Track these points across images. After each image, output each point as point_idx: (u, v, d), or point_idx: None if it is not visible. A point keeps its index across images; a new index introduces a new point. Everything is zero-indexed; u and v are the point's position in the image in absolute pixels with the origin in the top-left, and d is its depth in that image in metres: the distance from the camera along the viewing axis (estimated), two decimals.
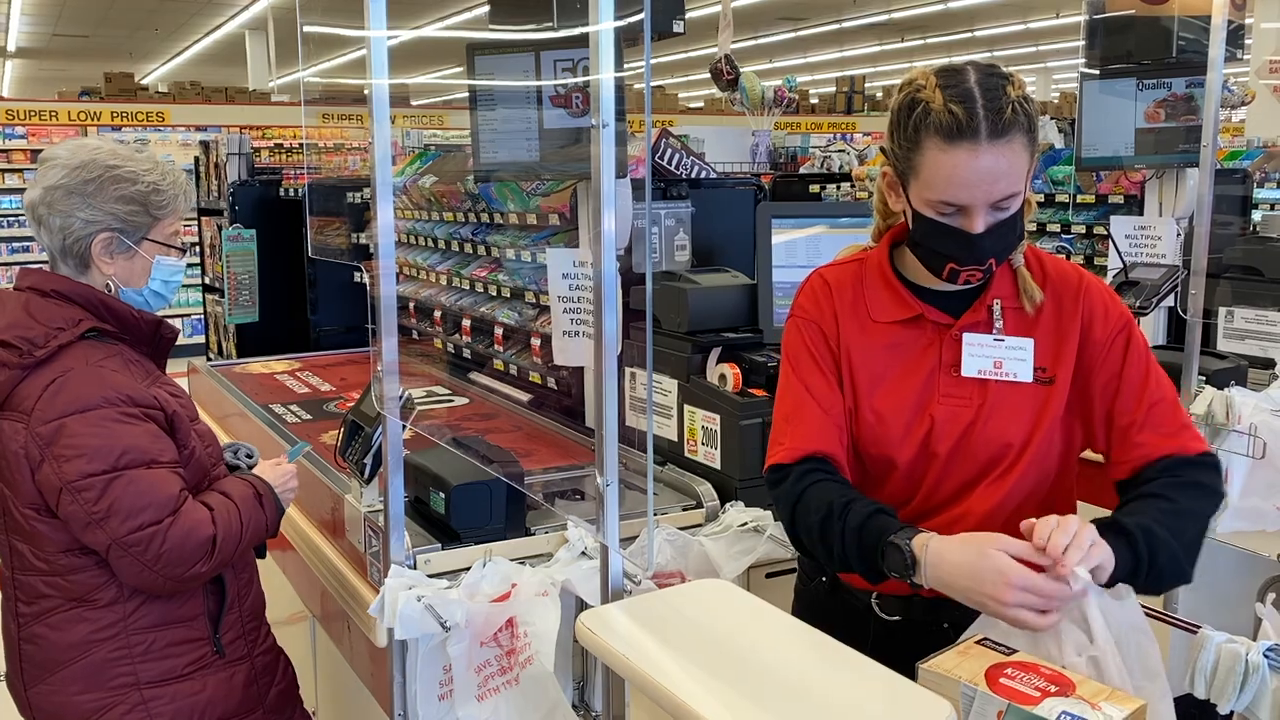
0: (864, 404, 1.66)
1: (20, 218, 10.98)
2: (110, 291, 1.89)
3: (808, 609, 1.84)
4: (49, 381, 1.77)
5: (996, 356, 1.62)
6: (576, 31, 2.42)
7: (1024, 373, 1.62)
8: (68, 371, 1.78)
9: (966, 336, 1.63)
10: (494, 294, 3.65)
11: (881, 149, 1.67)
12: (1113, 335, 1.64)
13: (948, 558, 1.42)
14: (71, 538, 1.80)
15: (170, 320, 1.99)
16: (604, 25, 1.36)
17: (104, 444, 1.75)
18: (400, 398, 1.95)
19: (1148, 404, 1.61)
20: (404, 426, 1.96)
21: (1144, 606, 1.57)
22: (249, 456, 2.14)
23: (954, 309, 1.65)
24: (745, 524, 2.27)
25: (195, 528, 1.79)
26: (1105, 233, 3.88)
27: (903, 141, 1.54)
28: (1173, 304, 3.22)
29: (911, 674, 1.28)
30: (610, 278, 1.40)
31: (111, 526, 1.74)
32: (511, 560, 2.04)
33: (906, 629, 1.69)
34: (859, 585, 1.72)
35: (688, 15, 2.67)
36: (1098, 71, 3.51)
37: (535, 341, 3.31)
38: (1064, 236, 4.47)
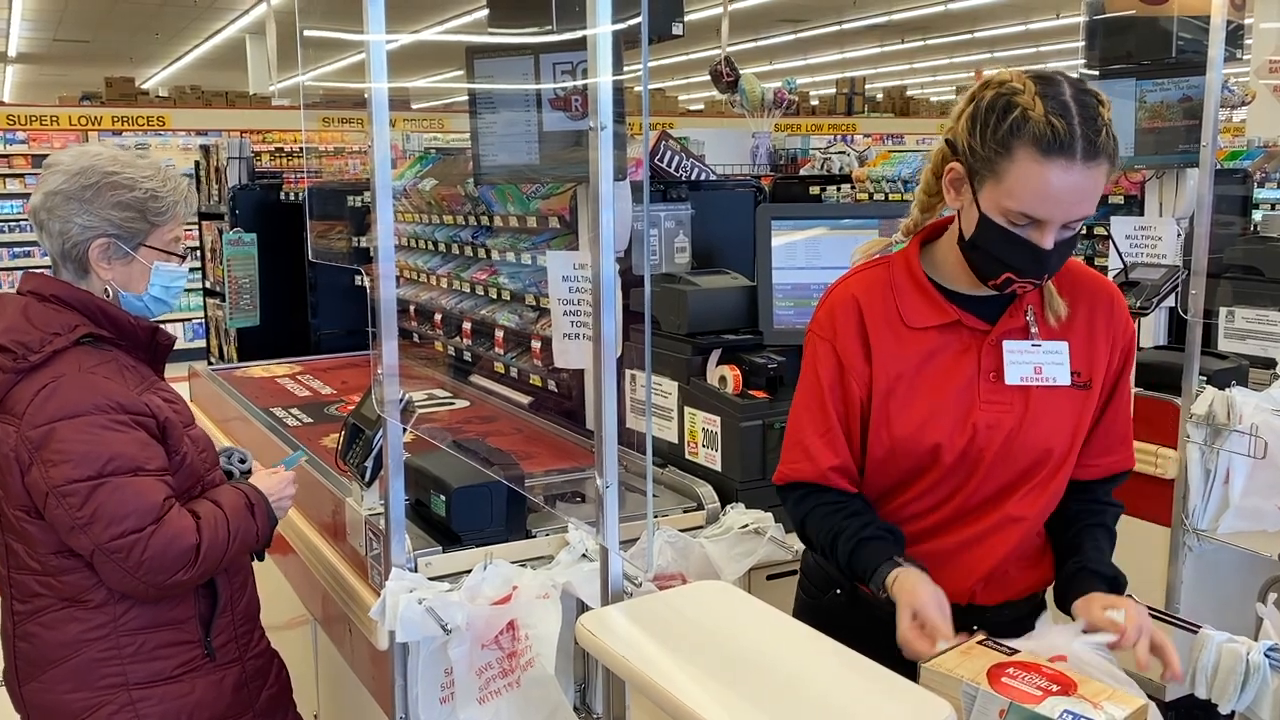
0: (901, 411, 1.65)
1: (21, 222, 10.99)
2: (109, 297, 1.90)
3: (819, 621, 1.79)
4: (41, 386, 1.78)
5: (1036, 362, 1.63)
6: (575, 35, 2.43)
7: (1062, 376, 1.64)
8: (60, 377, 1.79)
9: (1007, 344, 1.64)
10: (494, 297, 3.66)
11: (948, 142, 1.64)
12: (1124, 346, 1.69)
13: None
14: (60, 540, 1.81)
15: (170, 325, 2.00)
16: (602, 29, 1.36)
17: (91, 450, 1.76)
18: (401, 401, 1.95)
19: (1125, 416, 1.71)
20: (404, 429, 1.96)
21: (1149, 609, 1.57)
22: (242, 462, 2.15)
23: (987, 314, 1.65)
24: (746, 526, 2.26)
25: (178, 536, 1.79)
26: (1105, 233, 3.88)
27: (991, 143, 1.50)
28: (1173, 304, 3.22)
29: None
30: (609, 280, 1.41)
31: (94, 532, 1.75)
32: (512, 563, 2.04)
33: None
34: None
35: (687, 17, 2.67)
36: (1097, 72, 3.51)
37: (535, 344, 3.31)
38: None
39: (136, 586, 1.80)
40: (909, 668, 1.30)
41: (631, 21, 1.39)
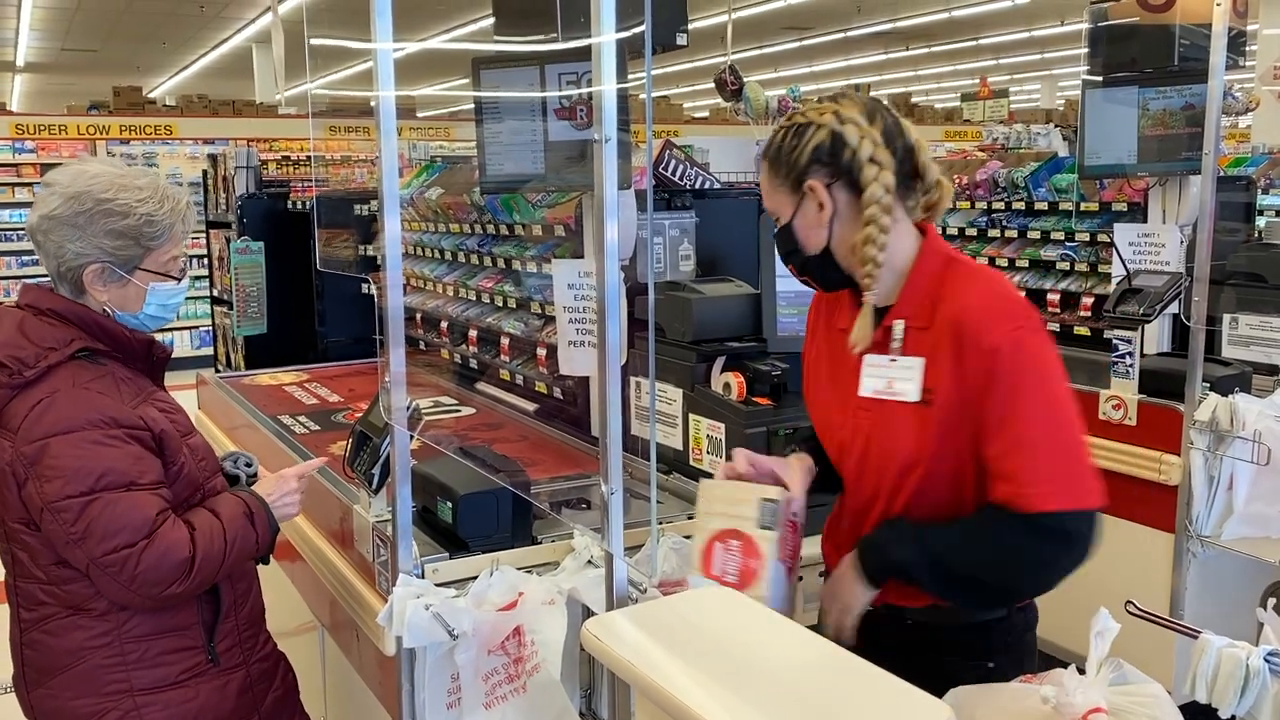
0: (811, 404, 1.89)
1: None
2: (107, 315, 1.91)
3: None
4: (36, 401, 1.80)
5: (890, 376, 1.68)
6: (581, 43, 2.44)
7: (912, 393, 1.64)
8: (55, 393, 1.80)
9: (868, 358, 1.71)
10: (500, 305, 3.67)
11: None
12: (981, 366, 1.58)
13: None
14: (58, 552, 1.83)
15: (177, 333, 2.02)
16: (606, 37, 1.37)
17: (83, 466, 1.77)
18: (408, 408, 1.96)
19: (1020, 450, 1.57)
20: (411, 437, 1.98)
21: (1151, 614, 1.58)
22: (248, 466, 2.15)
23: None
24: None
25: (171, 549, 1.80)
26: (1109, 240, 3.89)
27: None
28: (1176, 311, 3.23)
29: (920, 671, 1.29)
30: (613, 288, 1.42)
31: (88, 547, 1.77)
32: (518, 569, 2.05)
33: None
34: None
35: (692, 25, 2.69)
36: (1100, 79, 3.52)
37: (541, 352, 3.33)
38: (1068, 244, 4.48)
39: (133, 599, 1.82)
40: (911, 671, 1.31)
41: (635, 30, 1.41)
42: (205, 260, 6.43)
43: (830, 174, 1.65)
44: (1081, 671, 1.39)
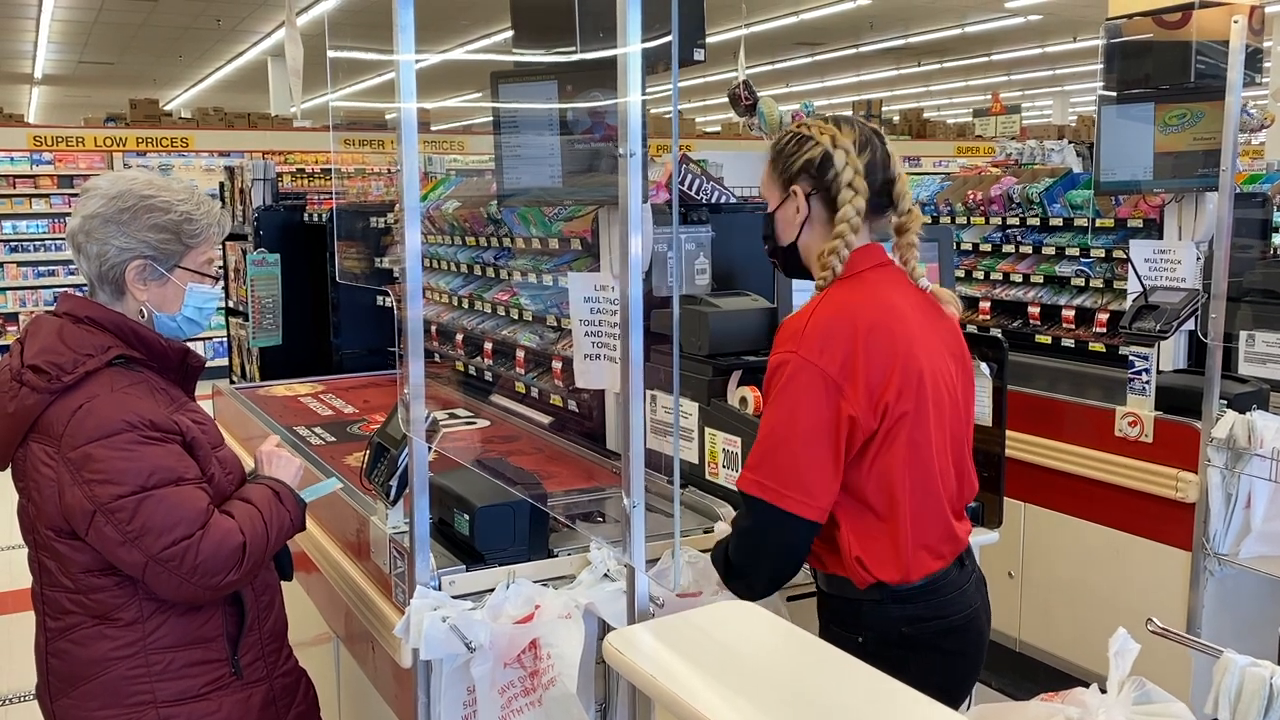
0: None
1: (46, 242, 11.12)
2: (144, 318, 1.94)
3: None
4: (76, 407, 1.82)
5: None
6: (603, 55, 2.45)
7: None
8: (94, 397, 1.83)
9: None
10: (515, 318, 3.68)
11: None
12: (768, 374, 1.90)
13: None
14: (92, 558, 1.84)
15: (197, 344, 2.04)
16: (632, 48, 1.38)
17: (132, 466, 1.80)
18: (426, 420, 1.97)
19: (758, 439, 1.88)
20: (429, 449, 1.99)
21: (1173, 633, 1.57)
22: None
23: None
24: None
25: (225, 537, 1.84)
26: (1125, 256, 3.88)
27: None
28: (1193, 328, 3.22)
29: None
30: (636, 302, 1.43)
31: (146, 544, 1.79)
32: (534, 582, 2.05)
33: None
34: None
35: (706, 41, 2.70)
36: (1116, 95, 3.52)
37: (556, 365, 3.33)
38: (1083, 260, 4.47)
39: (192, 592, 1.84)
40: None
41: (658, 42, 1.41)
42: (222, 272, 6.46)
43: (813, 186, 1.92)
44: (1103, 690, 1.39)
